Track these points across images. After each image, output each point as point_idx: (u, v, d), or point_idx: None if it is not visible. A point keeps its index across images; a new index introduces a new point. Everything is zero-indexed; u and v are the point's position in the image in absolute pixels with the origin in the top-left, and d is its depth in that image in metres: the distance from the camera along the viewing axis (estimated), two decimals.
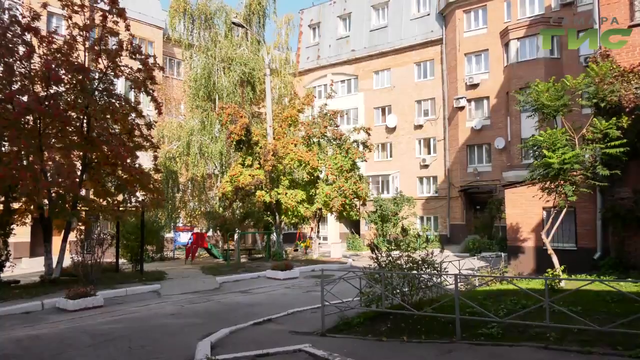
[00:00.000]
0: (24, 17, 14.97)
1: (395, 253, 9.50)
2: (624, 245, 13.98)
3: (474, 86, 31.47)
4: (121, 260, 19.23)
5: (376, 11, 38.33)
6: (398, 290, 8.83)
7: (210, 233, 28.73)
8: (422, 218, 34.04)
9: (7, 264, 15.41)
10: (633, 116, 13.12)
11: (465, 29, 32.39)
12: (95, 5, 16.43)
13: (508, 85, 28.95)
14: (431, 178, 34.24)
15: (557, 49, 28.12)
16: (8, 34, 14.31)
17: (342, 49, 39.43)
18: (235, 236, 24.06)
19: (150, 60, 16.94)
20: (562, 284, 11.23)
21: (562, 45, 27.95)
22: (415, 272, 9.04)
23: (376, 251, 9.60)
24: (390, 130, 35.86)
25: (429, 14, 35.17)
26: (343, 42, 39.59)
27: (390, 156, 36.08)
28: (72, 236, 16.30)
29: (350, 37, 39.20)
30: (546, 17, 28.28)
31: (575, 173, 12.51)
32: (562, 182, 12.52)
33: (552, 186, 12.83)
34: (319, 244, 27.47)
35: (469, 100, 31.83)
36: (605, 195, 14.39)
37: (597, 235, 14.92)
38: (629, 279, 11.15)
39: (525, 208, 16.61)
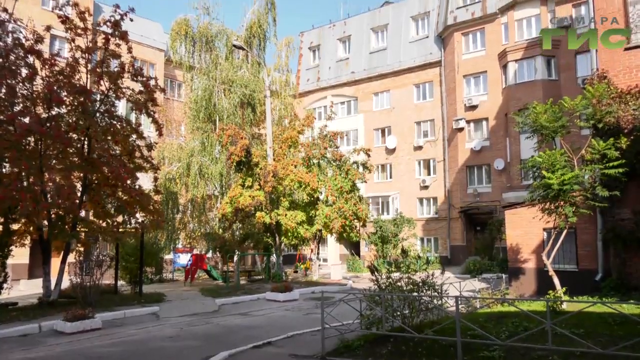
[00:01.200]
0: (27, 39, 15.14)
1: (396, 275, 9.46)
2: (625, 267, 13.91)
3: (473, 107, 31.68)
4: (120, 282, 19.11)
5: (375, 34, 38.78)
6: (398, 313, 8.76)
7: (209, 254, 28.60)
8: (422, 239, 33.93)
9: (5, 285, 15.32)
10: (631, 137, 13.18)
11: (464, 51, 32.74)
12: (98, 28, 16.64)
13: (507, 106, 29.16)
14: (431, 199, 34.23)
15: (555, 71, 28.40)
16: (11, 57, 14.46)
17: (342, 70, 39.79)
18: (235, 257, 23.95)
19: (152, 82, 17.09)
20: (564, 305, 11.14)
21: (560, 67, 28.23)
22: (415, 294, 8.98)
23: (376, 273, 9.56)
24: (390, 151, 35.97)
25: (427, 37, 35.58)
26: (343, 64, 39.97)
27: (390, 177, 36.13)
28: (71, 257, 16.24)
29: (350, 59, 39.59)
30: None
31: (574, 194, 12.51)
32: (562, 203, 12.50)
33: (552, 207, 12.81)
34: (319, 265, 27.33)
35: (468, 122, 32.00)
36: (606, 216, 14.37)
37: (598, 257, 14.85)
38: (631, 301, 11.06)
39: (525, 229, 16.56)
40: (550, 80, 28.10)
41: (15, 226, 15.37)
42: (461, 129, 32.11)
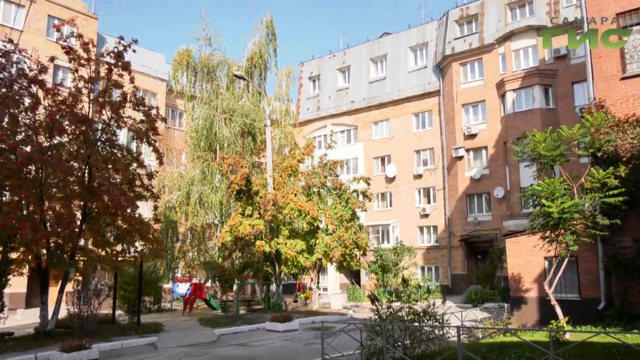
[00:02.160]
0: (31, 70, 15.34)
1: (396, 304, 9.37)
2: (627, 295, 13.79)
3: (472, 136, 31.88)
4: (118, 312, 18.90)
5: (374, 64, 39.30)
6: (399, 343, 8.65)
7: (209, 284, 28.36)
8: (423, 268, 33.70)
9: (1, 315, 15.15)
10: (630, 165, 13.23)
11: (462, 81, 33.13)
12: (101, 58, 16.87)
13: (505, 135, 29.35)
14: (431, 227, 34.13)
15: (553, 100, 28.70)
16: (15, 87, 14.64)
17: (342, 100, 40.18)
18: (234, 287, 23.74)
19: (153, 112, 17.23)
20: (567, 335, 11.01)
21: (557, 97, 28.53)
22: (416, 324, 8.89)
23: (377, 302, 9.48)
24: (390, 179, 36.04)
25: (426, 67, 36.05)
26: (342, 93, 40.39)
27: (390, 206, 36.11)
28: (69, 287, 16.10)
29: (350, 89, 40.02)
30: (541, 69, 29.00)
31: (575, 222, 12.50)
32: (562, 231, 12.48)
33: (553, 235, 12.79)
34: (319, 294, 27.08)
35: (467, 150, 32.16)
36: (607, 245, 14.31)
37: (601, 285, 14.73)
38: (635, 331, 10.94)
39: (526, 258, 16.48)
40: (548, 109, 28.37)
41: (13, 255, 15.29)
42: (460, 158, 32.25)
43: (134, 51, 16.42)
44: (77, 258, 15.98)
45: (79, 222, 15.67)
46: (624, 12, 14.83)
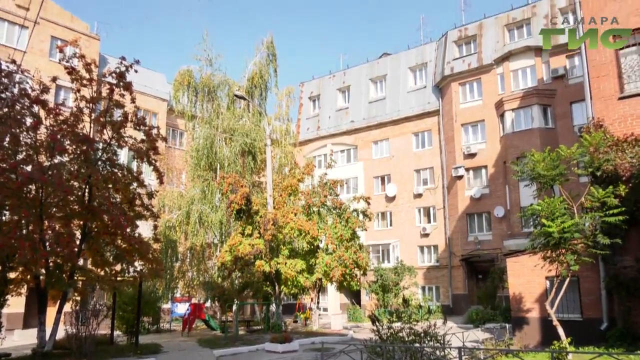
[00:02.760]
0: (33, 90, 15.44)
1: (397, 325, 9.31)
2: (630, 315, 13.69)
3: (472, 155, 31.96)
4: (116, 332, 18.73)
5: (374, 84, 39.60)
6: None
7: (208, 304, 28.16)
8: (423, 288, 33.50)
9: None
10: (630, 184, 13.24)
11: (461, 100, 33.34)
12: (103, 79, 17.00)
13: (505, 154, 29.43)
14: (432, 247, 34.02)
15: (551, 119, 28.84)
16: (17, 106, 14.72)
17: (342, 119, 40.37)
18: (234, 307, 23.56)
19: (154, 131, 17.29)
20: (570, 357, 10.91)
21: (556, 116, 28.68)
22: (417, 345, 8.81)
23: (377, 323, 9.41)
24: (390, 199, 36.03)
25: (425, 87, 36.31)
26: (342, 113, 40.60)
27: (390, 225, 36.03)
28: (68, 307, 15.98)
29: (349, 109, 40.24)
30: (539, 89, 29.22)
31: (575, 242, 12.46)
32: (563, 251, 12.44)
33: (554, 255, 12.74)
34: (319, 315, 26.87)
35: (467, 170, 32.21)
36: (608, 264, 14.26)
37: (603, 305, 14.63)
38: (639, 352, 10.84)
39: (527, 277, 16.39)
40: (547, 129, 28.49)
41: (12, 274, 15.21)
42: (460, 177, 32.28)
43: (136, 71, 16.55)
44: (76, 278, 15.89)
45: (78, 242, 15.62)
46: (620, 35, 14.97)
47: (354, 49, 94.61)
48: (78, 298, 16.03)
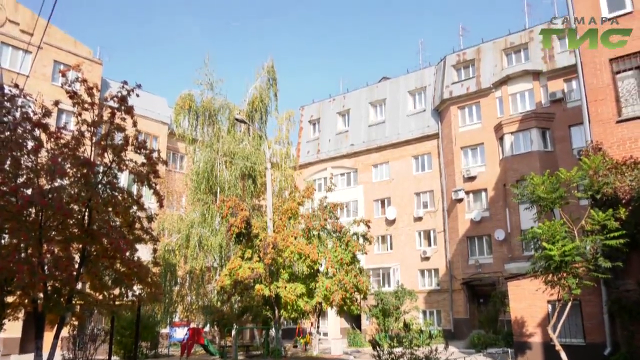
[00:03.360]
0: (35, 113, 15.54)
1: (398, 350, 9.21)
2: (634, 340, 13.54)
3: (472, 178, 32.00)
4: (114, 357, 18.50)
5: (374, 108, 39.88)
6: None
7: (207, 328, 27.88)
8: (424, 312, 33.20)
9: None
10: (630, 207, 13.25)
11: (460, 124, 33.54)
12: (105, 103, 17.11)
13: (505, 177, 29.48)
14: (432, 270, 33.83)
15: (550, 142, 28.98)
16: (19, 130, 14.79)
17: (342, 143, 40.54)
18: (233, 332, 23.31)
19: (155, 155, 17.30)
20: None
21: (555, 139, 28.82)
22: None
23: (378, 348, 9.31)
24: (390, 222, 35.95)
25: (424, 110, 36.56)
26: (342, 136, 40.79)
27: (391, 248, 35.88)
28: (65, 331, 15.80)
29: (349, 132, 40.45)
30: (538, 113, 29.43)
31: (577, 265, 12.41)
32: (564, 274, 12.38)
33: (555, 279, 12.68)
34: (319, 339, 26.55)
35: (467, 193, 32.22)
36: (610, 288, 14.17)
37: (606, 330, 14.50)
38: None
39: (529, 301, 16.27)
40: (546, 152, 28.61)
41: (9, 298, 15.08)
42: (460, 200, 32.27)
43: (137, 95, 16.64)
44: (74, 302, 15.75)
45: (77, 265, 15.53)
46: (617, 58, 15.18)
47: (353, 73, 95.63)
48: (76, 322, 15.86)
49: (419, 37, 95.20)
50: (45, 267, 14.48)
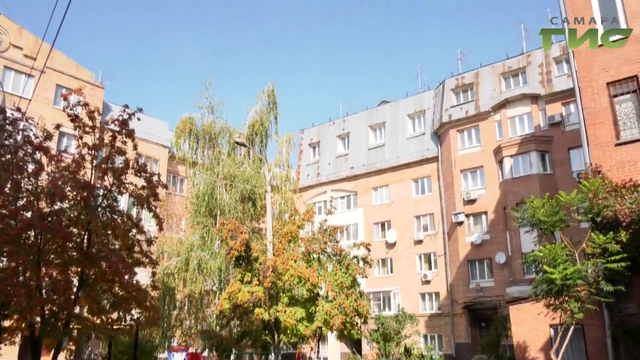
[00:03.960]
0: (36, 137, 15.61)
1: None
2: None
3: (472, 201, 31.99)
4: None
5: (373, 131, 40.09)
6: None
7: (205, 353, 27.53)
8: (425, 336, 32.85)
9: None
10: (631, 230, 13.20)
11: (460, 147, 33.67)
12: (106, 126, 17.21)
13: (505, 200, 29.48)
14: (433, 294, 33.58)
15: (550, 165, 29.06)
16: (20, 153, 14.84)
17: (342, 166, 40.64)
18: (232, 356, 23.02)
19: (155, 178, 17.33)
20: None
21: (554, 162, 28.91)
22: None
23: None
24: (390, 245, 35.82)
25: (424, 134, 36.75)
26: (342, 159, 40.92)
27: (391, 272, 35.69)
28: (62, 356, 15.61)
29: (349, 155, 40.59)
30: (536, 136, 29.58)
31: (579, 289, 12.33)
32: (566, 298, 12.29)
33: (557, 303, 12.58)
34: None
35: (467, 216, 32.17)
36: (612, 312, 14.03)
37: (609, 354, 14.29)
38: None
39: (531, 325, 16.11)
40: (546, 175, 28.67)
41: (6, 323, 14.93)
42: (461, 223, 32.21)
43: (138, 119, 16.74)
44: (71, 326, 15.60)
45: (75, 289, 15.42)
46: (614, 82, 15.31)
47: (353, 97, 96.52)
48: (73, 347, 15.69)
49: (418, 61, 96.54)
50: (43, 291, 14.39)
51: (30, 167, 15.21)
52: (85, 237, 15.88)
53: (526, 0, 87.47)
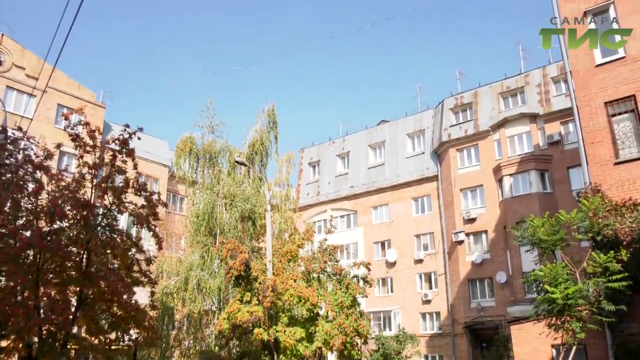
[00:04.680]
0: (37, 156, 15.65)
1: None
2: None
3: (472, 220, 31.93)
4: None
5: (373, 150, 40.20)
6: None
7: None
8: (426, 357, 32.50)
9: None
10: (631, 249, 13.17)
11: (459, 166, 33.74)
12: (106, 145, 17.26)
13: (505, 219, 29.43)
14: (434, 314, 33.32)
15: (549, 184, 29.08)
16: (20, 172, 14.87)
17: (341, 185, 40.67)
18: None
19: (154, 197, 17.33)
20: None
21: (554, 181, 28.93)
22: None
23: None
24: (390, 264, 35.66)
25: (423, 153, 36.85)
26: (342, 179, 40.95)
27: (391, 291, 35.46)
28: None
29: (349, 174, 40.64)
30: (536, 155, 29.65)
31: (580, 308, 12.26)
32: (568, 317, 12.21)
33: (558, 322, 12.49)
34: None
35: (467, 235, 32.09)
36: (615, 331, 13.93)
37: None
38: None
39: (533, 346, 15.96)
40: (546, 193, 28.66)
41: (3, 343, 14.79)
42: (461, 242, 32.11)
43: (139, 138, 16.82)
44: (69, 346, 15.44)
45: (73, 309, 15.31)
46: (611, 101, 15.43)
47: (353, 117, 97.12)
48: None
49: (417, 81, 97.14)
50: (41, 311, 14.27)
51: (31, 186, 15.21)
52: (85, 256, 15.81)
53: (523, 20, 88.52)
